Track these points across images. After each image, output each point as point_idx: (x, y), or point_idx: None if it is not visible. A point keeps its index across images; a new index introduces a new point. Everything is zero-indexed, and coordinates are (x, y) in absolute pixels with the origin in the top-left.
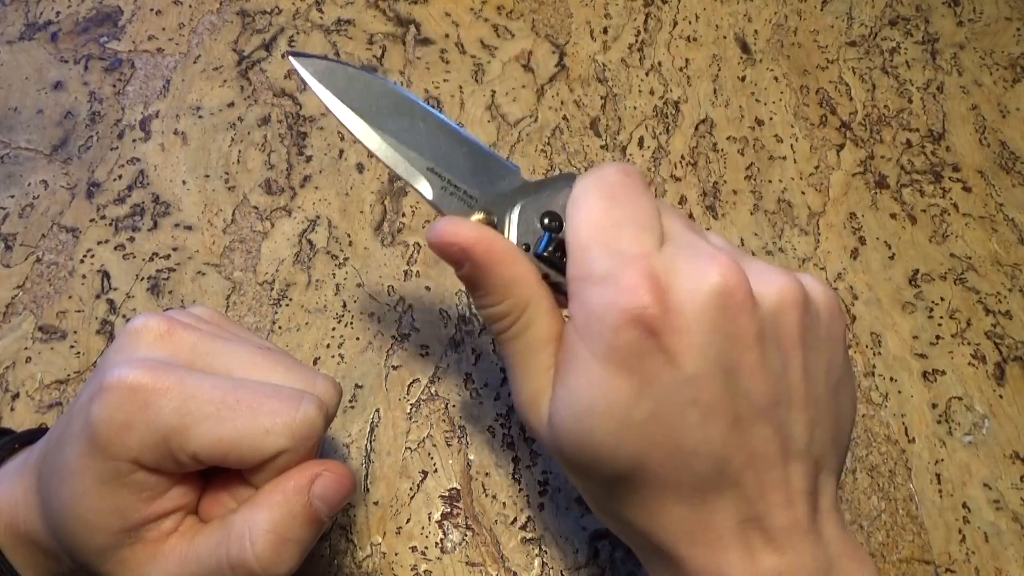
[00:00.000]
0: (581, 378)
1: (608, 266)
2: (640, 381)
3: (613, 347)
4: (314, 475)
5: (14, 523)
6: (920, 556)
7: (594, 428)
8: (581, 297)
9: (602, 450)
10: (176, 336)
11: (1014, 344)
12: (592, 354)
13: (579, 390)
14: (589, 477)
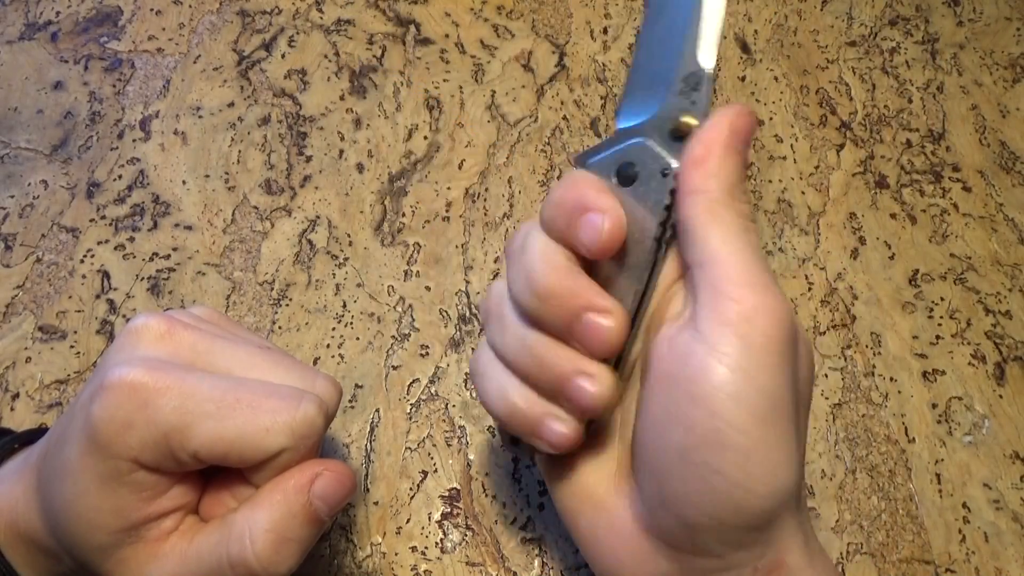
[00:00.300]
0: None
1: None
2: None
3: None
4: (314, 474)
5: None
6: (920, 556)
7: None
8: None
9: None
10: (176, 335)
11: (1014, 344)
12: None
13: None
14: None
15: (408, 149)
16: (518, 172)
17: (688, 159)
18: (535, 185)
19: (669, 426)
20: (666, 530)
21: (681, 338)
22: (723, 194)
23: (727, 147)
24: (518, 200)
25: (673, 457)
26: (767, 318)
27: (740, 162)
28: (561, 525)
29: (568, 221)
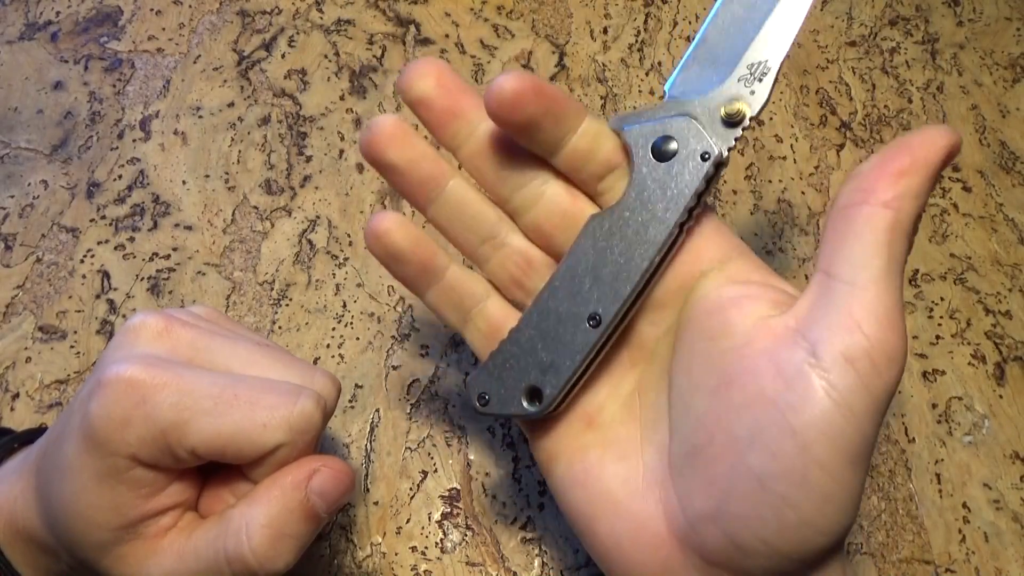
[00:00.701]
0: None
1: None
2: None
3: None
4: (312, 470)
5: (13, 520)
6: (920, 556)
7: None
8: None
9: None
10: (174, 333)
11: (1014, 344)
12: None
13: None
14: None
15: None
16: None
17: (889, 164)
18: None
19: (753, 448)
20: (709, 545)
21: (790, 355)
22: (910, 220)
23: (935, 170)
24: None
25: (748, 479)
26: (888, 362)
27: (931, 190)
28: (561, 525)
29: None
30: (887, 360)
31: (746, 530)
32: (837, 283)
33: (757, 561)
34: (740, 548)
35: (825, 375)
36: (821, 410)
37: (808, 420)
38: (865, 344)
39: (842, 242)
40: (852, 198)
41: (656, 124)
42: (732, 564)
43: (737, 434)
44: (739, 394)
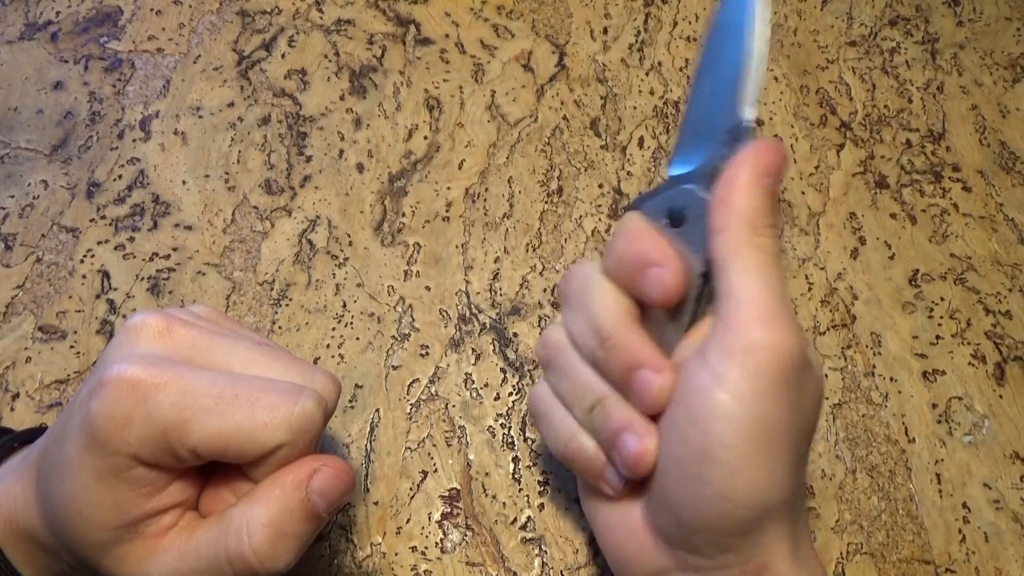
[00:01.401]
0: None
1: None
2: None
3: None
4: (312, 470)
5: (13, 520)
6: (920, 556)
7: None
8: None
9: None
10: (174, 332)
11: (1014, 344)
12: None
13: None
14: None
15: (408, 149)
16: (518, 172)
17: (715, 199)
18: (535, 185)
19: (670, 438)
20: (665, 529)
21: (692, 363)
22: (743, 231)
23: (749, 183)
24: (518, 200)
25: (672, 465)
26: (769, 352)
27: (762, 196)
28: (561, 525)
29: (632, 274)
30: (764, 349)
31: (682, 510)
32: (717, 301)
33: (700, 537)
34: (684, 526)
35: (711, 370)
36: (713, 397)
37: (704, 407)
38: (737, 338)
39: (713, 271)
40: (708, 238)
41: (666, 197)
42: (685, 543)
43: (664, 429)
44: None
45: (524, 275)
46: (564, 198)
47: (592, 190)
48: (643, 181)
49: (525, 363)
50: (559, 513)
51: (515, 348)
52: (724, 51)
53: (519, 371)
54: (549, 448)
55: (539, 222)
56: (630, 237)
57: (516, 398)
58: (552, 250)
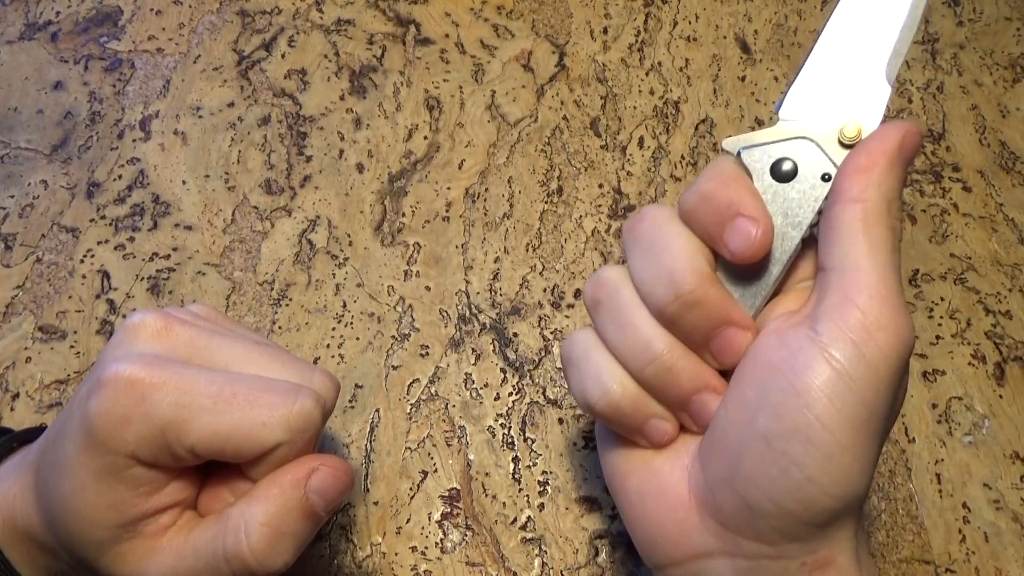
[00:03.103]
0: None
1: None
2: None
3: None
4: (311, 469)
5: (12, 519)
6: (920, 556)
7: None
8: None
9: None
10: (173, 331)
11: (1014, 344)
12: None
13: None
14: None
15: (408, 149)
16: (518, 172)
17: (851, 165)
18: (535, 185)
19: (761, 410)
20: (724, 509)
21: (795, 333)
22: (880, 206)
23: (893, 160)
24: (518, 200)
25: (756, 440)
26: (887, 335)
27: (902, 177)
28: (561, 525)
29: (717, 220)
30: (882, 330)
31: (756, 490)
32: (829, 273)
33: (768, 522)
34: (751, 508)
35: (824, 345)
36: (821, 374)
37: (809, 382)
38: (858, 315)
39: (827, 239)
40: (832, 200)
41: (775, 146)
42: (746, 527)
43: (747, 399)
44: (750, 366)
45: (524, 275)
46: (564, 198)
47: (592, 190)
48: (643, 181)
49: (525, 363)
50: (559, 513)
51: (515, 348)
52: (873, 6)
53: (519, 371)
54: (577, 397)
55: (539, 222)
56: (721, 180)
57: (516, 398)
58: (552, 250)
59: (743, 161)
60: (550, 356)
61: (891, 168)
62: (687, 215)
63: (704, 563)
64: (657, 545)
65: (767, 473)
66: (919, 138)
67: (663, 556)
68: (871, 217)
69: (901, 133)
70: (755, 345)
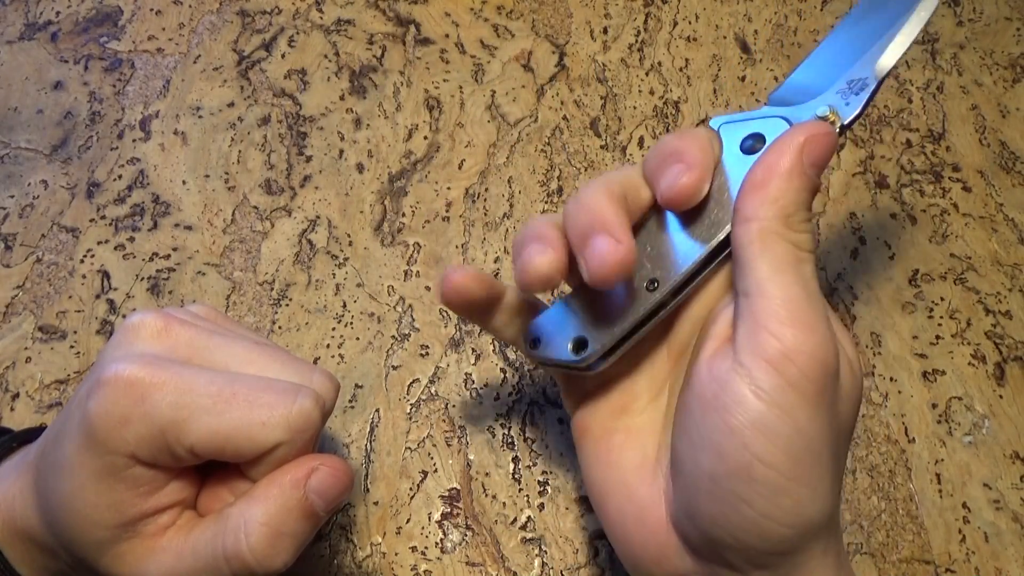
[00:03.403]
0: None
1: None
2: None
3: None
4: (311, 469)
5: (11, 519)
6: (920, 556)
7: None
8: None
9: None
10: (173, 332)
11: (1014, 344)
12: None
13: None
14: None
15: (408, 149)
16: (518, 172)
17: (748, 181)
18: (535, 185)
19: (703, 450)
20: (692, 539)
21: (721, 365)
22: (777, 223)
23: (791, 172)
24: (518, 200)
25: (704, 479)
26: (807, 358)
27: (803, 187)
28: (561, 525)
29: (660, 161)
30: (800, 354)
31: (714, 527)
32: (740, 298)
33: (733, 554)
34: (714, 542)
35: (748, 378)
36: (752, 409)
37: (743, 420)
38: (773, 343)
39: (735, 261)
40: (732, 222)
41: (749, 120)
42: (714, 556)
43: (692, 436)
44: (691, 398)
45: None
46: (564, 198)
47: None
48: None
49: (525, 363)
50: (559, 513)
51: (515, 348)
52: (887, 7)
53: (519, 371)
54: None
55: None
56: (682, 134)
57: (516, 398)
58: None
59: (720, 133)
60: None
61: (789, 179)
62: (644, 164)
63: None
64: (640, 564)
65: (721, 511)
66: (828, 139)
67: (645, 572)
68: (768, 236)
69: (802, 138)
70: (691, 373)
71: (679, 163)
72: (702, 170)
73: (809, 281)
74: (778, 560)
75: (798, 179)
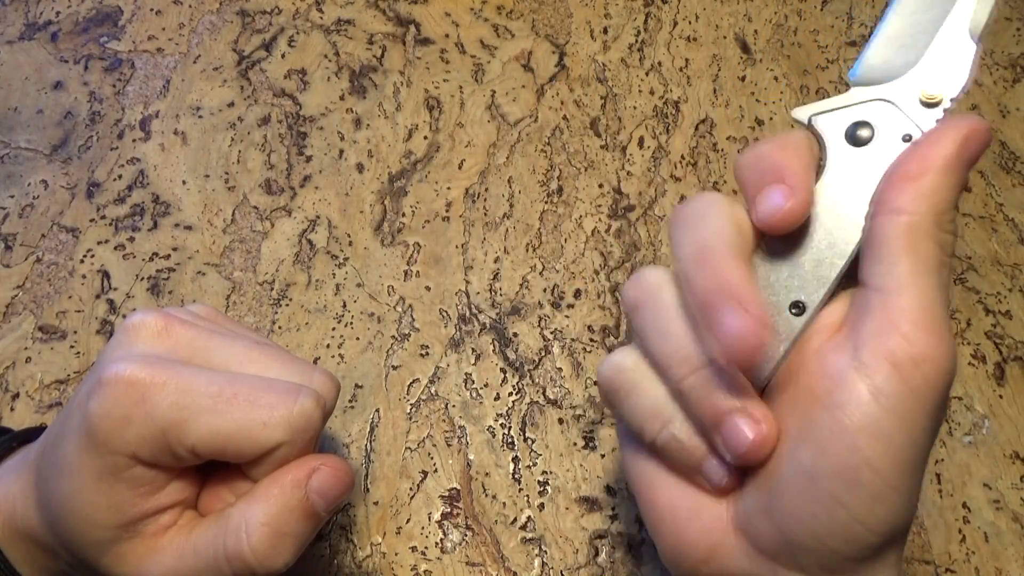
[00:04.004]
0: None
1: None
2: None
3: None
4: (312, 469)
5: (12, 519)
6: (920, 556)
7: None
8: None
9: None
10: (173, 332)
11: (1014, 344)
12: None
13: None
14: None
15: (408, 149)
16: (518, 172)
17: (898, 172)
18: (535, 185)
19: (802, 445)
20: (762, 537)
21: (837, 359)
22: (929, 219)
23: (949, 166)
24: (518, 200)
25: (799, 475)
26: (932, 367)
27: (959, 184)
28: (561, 525)
29: (759, 177)
30: (927, 362)
31: (798, 526)
32: (871, 292)
33: (809, 557)
34: (792, 543)
35: (869, 378)
36: (869, 412)
37: (857, 422)
38: (904, 345)
39: (868, 252)
40: (875, 211)
41: (849, 110)
42: (784, 557)
43: (790, 430)
44: (792, 391)
45: (524, 275)
46: (564, 198)
47: (592, 190)
48: (643, 181)
49: (525, 363)
50: (559, 513)
51: (515, 348)
52: None
53: (519, 371)
54: (635, 433)
55: (539, 222)
56: (780, 144)
57: (516, 398)
58: (552, 250)
59: (815, 127)
60: (550, 356)
61: (946, 175)
62: (737, 175)
63: None
64: (684, 561)
65: (810, 511)
66: (987, 135)
67: (688, 568)
68: (918, 233)
69: (963, 132)
70: (795, 363)
71: (780, 184)
72: (806, 193)
73: (946, 288)
74: (853, 567)
75: (955, 175)
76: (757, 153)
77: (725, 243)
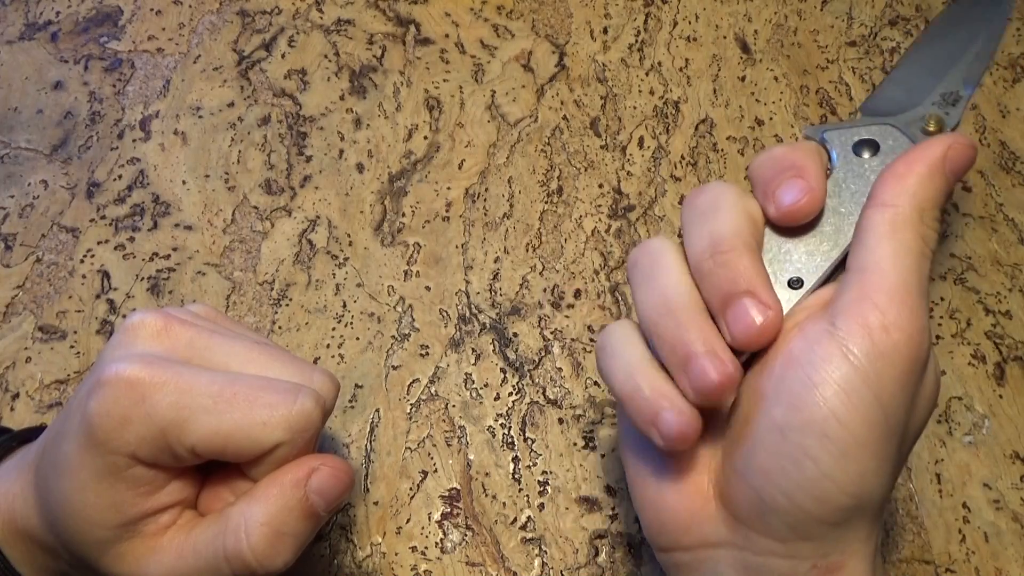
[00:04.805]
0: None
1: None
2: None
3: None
4: (311, 469)
5: (12, 519)
6: (920, 556)
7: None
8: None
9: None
10: (173, 331)
11: (1014, 344)
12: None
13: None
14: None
15: (408, 149)
16: (518, 172)
17: (887, 172)
18: (535, 185)
19: (776, 401)
20: (738, 501)
21: (814, 326)
22: (913, 212)
23: (933, 170)
24: (518, 200)
25: (771, 431)
26: (904, 336)
27: (942, 188)
28: (561, 525)
29: (775, 175)
30: (898, 331)
31: (770, 484)
32: (852, 273)
33: (781, 518)
34: (764, 503)
35: (842, 339)
36: (839, 367)
37: (827, 375)
38: (876, 313)
39: (856, 243)
40: (865, 206)
41: (857, 129)
42: (758, 521)
43: (765, 391)
44: (771, 358)
45: (524, 275)
46: (564, 198)
47: (592, 190)
48: (643, 181)
49: (525, 363)
50: (559, 513)
51: (515, 348)
52: (961, 27)
53: (519, 371)
54: (610, 385)
55: (539, 222)
56: (793, 146)
57: (516, 398)
58: (552, 250)
59: (826, 140)
60: (550, 356)
61: (929, 177)
62: (752, 171)
63: (711, 552)
64: (666, 529)
65: (781, 466)
66: (969, 151)
67: (670, 540)
68: (900, 222)
69: (948, 143)
70: (779, 338)
71: (799, 179)
72: (821, 189)
73: (925, 276)
74: (824, 531)
75: (938, 178)
76: (773, 154)
77: (740, 238)
